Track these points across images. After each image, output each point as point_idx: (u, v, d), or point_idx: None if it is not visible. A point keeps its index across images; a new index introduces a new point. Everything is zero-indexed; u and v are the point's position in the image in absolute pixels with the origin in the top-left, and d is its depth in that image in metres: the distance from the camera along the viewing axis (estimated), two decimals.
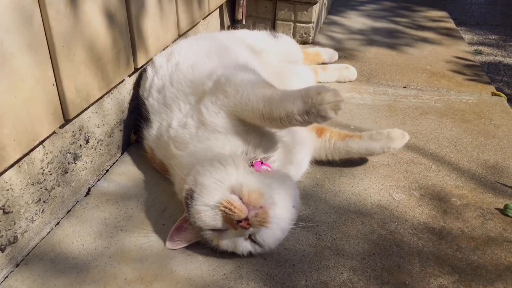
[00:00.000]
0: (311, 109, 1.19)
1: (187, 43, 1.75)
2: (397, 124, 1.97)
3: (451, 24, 3.61)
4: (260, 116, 1.26)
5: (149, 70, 1.67)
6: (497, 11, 5.01)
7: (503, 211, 1.45)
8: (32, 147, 1.19)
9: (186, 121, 1.39)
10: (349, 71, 2.41)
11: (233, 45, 1.78)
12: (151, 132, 1.52)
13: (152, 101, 1.56)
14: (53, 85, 1.24)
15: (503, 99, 2.28)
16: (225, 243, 1.16)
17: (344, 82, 2.41)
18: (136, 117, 1.70)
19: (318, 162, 1.65)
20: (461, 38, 3.27)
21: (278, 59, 2.11)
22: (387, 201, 1.49)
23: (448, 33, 3.35)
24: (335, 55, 2.58)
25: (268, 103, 1.24)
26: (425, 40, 3.16)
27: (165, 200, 1.45)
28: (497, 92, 2.34)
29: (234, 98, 1.31)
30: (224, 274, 1.19)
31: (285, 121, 1.23)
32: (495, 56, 3.67)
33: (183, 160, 1.33)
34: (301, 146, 1.51)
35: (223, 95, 1.33)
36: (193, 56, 1.61)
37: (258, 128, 1.35)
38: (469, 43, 3.61)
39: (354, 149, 1.59)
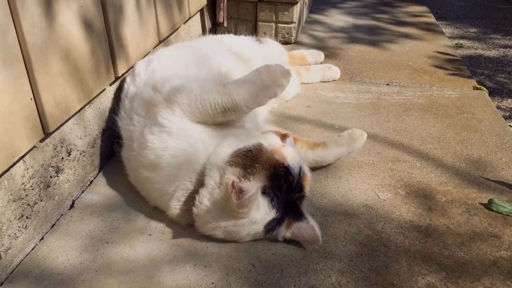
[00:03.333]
0: (267, 82, 1.35)
1: (169, 51, 1.74)
2: (381, 122, 1.99)
3: (431, 19, 3.64)
4: (222, 109, 1.35)
5: (128, 79, 1.65)
6: (477, 4, 5.07)
7: (488, 206, 1.46)
8: (11, 164, 1.17)
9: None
10: (332, 70, 2.42)
11: (216, 54, 1.77)
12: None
13: (123, 114, 1.54)
14: (31, 99, 1.22)
15: (485, 92, 2.30)
16: (289, 148, 1.31)
17: (328, 81, 2.41)
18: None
19: None
20: (442, 33, 3.30)
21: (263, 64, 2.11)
22: (373, 201, 1.50)
23: (428, 28, 3.37)
24: (321, 56, 2.57)
25: (226, 94, 1.35)
26: (406, 36, 3.18)
27: (151, 210, 1.43)
28: (479, 86, 2.36)
29: (188, 107, 1.36)
30: (212, 283, 1.18)
31: (249, 102, 1.35)
32: (476, 49, 3.71)
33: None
34: None
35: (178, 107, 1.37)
36: (172, 64, 1.60)
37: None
38: (449, 37, 3.65)
39: (324, 157, 1.63)
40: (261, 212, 1.20)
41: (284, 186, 1.22)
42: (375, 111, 2.10)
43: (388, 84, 2.40)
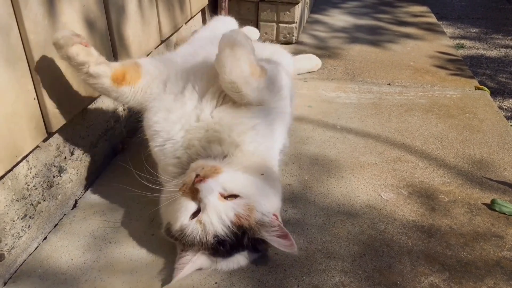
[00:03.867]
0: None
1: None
2: (383, 122, 1.99)
3: (432, 19, 3.64)
4: None
5: None
6: (478, 4, 5.06)
7: (490, 206, 1.46)
8: (15, 163, 1.17)
9: None
10: (315, 58, 2.56)
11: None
12: None
13: None
14: (34, 99, 1.22)
15: (486, 93, 2.30)
16: (205, 218, 1.10)
17: (315, 71, 2.54)
18: None
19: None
20: (443, 33, 3.30)
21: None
22: (376, 201, 1.49)
23: (430, 28, 3.37)
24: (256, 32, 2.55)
25: None
26: (407, 36, 3.18)
27: (153, 210, 1.43)
28: (480, 86, 2.36)
29: None
30: (216, 283, 1.18)
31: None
32: (477, 49, 3.71)
33: None
34: None
35: None
36: None
37: None
38: (451, 37, 3.64)
39: None
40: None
41: (223, 248, 1.12)
42: (377, 111, 2.09)
43: (389, 84, 2.40)
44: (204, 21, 2.76)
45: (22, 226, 1.24)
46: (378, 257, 1.27)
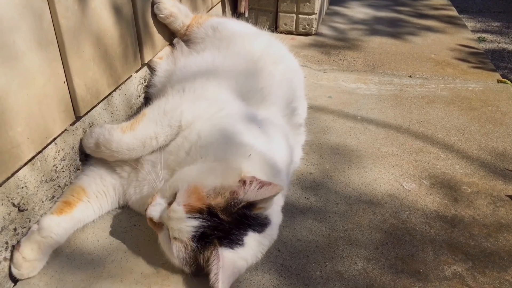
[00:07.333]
0: None
1: None
2: (404, 114, 1.98)
3: (453, 12, 3.60)
4: None
5: None
6: None
7: None
8: (45, 145, 1.20)
9: None
10: None
11: None
12: None
13: None
14: (64, 82, 1.24)
15: (509, 86, 2.27)
16: (172, 233, 1.08)
17: None
18: None
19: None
20: (464, 26, 3.26)
21: None
22: (398, 191, 1.49)
23: (450, 21, 3.34)
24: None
25: None
26: (428, 29, 3.15)
27: None
28: (503, 79, 2.33)
29: None
30: None
31: None
32: (499, 43, 3.66)
33: None
34: None
35: None
36: None
37: None
38: (472, 31, 3.60)
39: None
40: None
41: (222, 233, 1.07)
42: (398, 102, 2.09)
43: (410, 76, 2.38)
44: (224, 11, 2.76)
45: (50, 207, 1.27)
46: (400, 246, 1.27)
